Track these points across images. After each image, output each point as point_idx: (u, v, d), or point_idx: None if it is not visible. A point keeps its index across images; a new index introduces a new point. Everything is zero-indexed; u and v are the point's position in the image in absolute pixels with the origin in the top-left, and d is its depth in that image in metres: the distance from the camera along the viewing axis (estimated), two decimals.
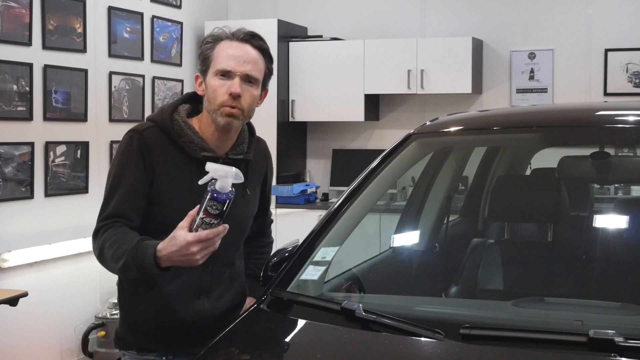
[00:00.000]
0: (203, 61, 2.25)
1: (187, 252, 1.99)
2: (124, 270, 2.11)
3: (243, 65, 2.21)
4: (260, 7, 6.93)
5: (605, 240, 2.46)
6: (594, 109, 2.85)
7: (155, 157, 2.21)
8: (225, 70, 2.20)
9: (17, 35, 4.69)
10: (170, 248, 2.02)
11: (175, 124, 2.25)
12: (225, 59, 2.21)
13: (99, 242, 2.19)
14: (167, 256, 2.03)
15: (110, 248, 2.13)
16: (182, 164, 2.23)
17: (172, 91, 6.03)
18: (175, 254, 2.01)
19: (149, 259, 2.05)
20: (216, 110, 2.21)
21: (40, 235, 4.86)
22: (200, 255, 2.01)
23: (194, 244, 1.99)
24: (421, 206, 3.06)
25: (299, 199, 6.25)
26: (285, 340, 2.11)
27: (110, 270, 2.19)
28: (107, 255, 2.14)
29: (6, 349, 4.64)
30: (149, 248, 2.06)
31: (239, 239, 2.37)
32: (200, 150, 2.23)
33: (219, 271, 2.30)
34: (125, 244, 2.11)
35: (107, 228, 2.18)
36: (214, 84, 2.21)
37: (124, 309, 2.36)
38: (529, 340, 1.81)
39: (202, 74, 2.26)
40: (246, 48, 2.24)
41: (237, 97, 2.20)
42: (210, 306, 2.29)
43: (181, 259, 2.02)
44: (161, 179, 2.22)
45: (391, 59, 6.20)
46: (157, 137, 2.23)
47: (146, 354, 2.31)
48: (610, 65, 5.99)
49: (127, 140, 2.24)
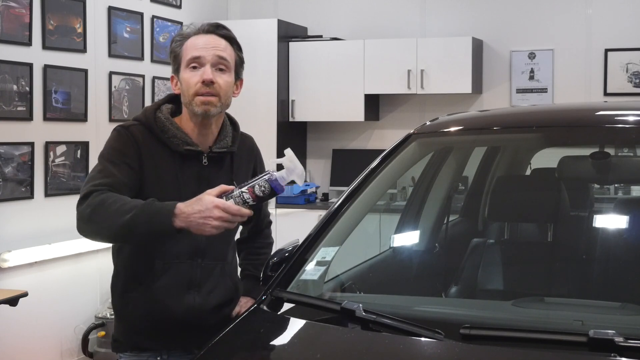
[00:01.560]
0: (174, 60, 2.31)
1: (209, 214, 1.99)
2: (130, 226, 2.04)
3: (211, 50, 2.24)
4: (260, 7, 6.93)
5: (605, 240, 2.46)
6: (594, 109, 2.85)
7: (142, 150, 2.23)
8: (194, 57, 2.23)
9: (17, 35, 4.69)
10: (193, 206, 2.01)
11: (158, 121, 2.28)
12: (194, 48, 2.25)
13: (91, 203, 2.10)
14: (186, 214, 2.01)
15: (112, 205, 2.07)
16: (166, 158, 2.25)
17: (172, 91, 6.02)
18: (197, 214, 2.00)
19: (165, 215, 2.02)
20: (191, 101, 2.24)
21: (40, 235, 4.86)
22: (217, 224, 2.00)
23: (219, 209, 1.99)
24: (421, 206, 3.06)
25: (299, 199, 6.24)
26: (285, 341, 2.11)
27: (103, 230, 2.10)
28: (108, 211, 2.06)
29: (6, 349, 4.64)
30: (165, 205, 2.05)
31: (229, 233, 2.37)
32: (184, 145, 2.25)
33: (209, 266, 2.31)
34: (133, 202, 2.07)
35: (103, 192, 2.12)
36: (186, 76, 2.25)
37: (117, 308, 2.37)
38: (529, 340, 1.81)
39: (176, 72, 2.31)
40: (212, 37, 2.28)
41: (209, 83, 2.22)
42: (201, 300, 2.29)
43: (199, 220, 2.00)
44: (147, 172, 2.23)
45: (391, 59, 6.20)
46: (142, 133, 2.26)
47: (141, 353, 2.31)
48: (610, 65, 5.98)
49: (115, 134, 2.27)
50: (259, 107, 6.21)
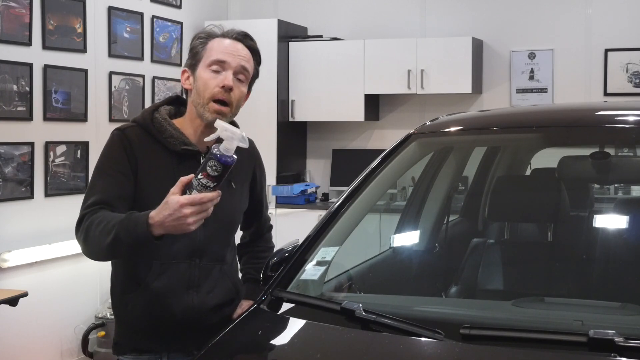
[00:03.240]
0: (194, 55, 2.27)
1: (179, 214, 1.97)
2: (115, 244, 2.06)
3: (237, 58, 2.25)
4: (260, 7, 6.93)
5: (605, 240, 2.46)
6: (594, 109, 2.85)
7: (137, 152, 2.23)
8: (220, 60, 2.22)
9: (17, 35, 4.69)
10: (162, 212, 2.00)
11: (156, 121, 2.28)
12: (220, 52, 2.24)
13: (84, 226, 2.15)
14: (159, 222, 2.00)
15: (99, 226, 2.10)
16: (164, 159, 2.25)
17: (172, 91, 6.03)
18: (168, 218, 1.99)
19: (141, 226, 2.02)
20: (205, 105, 2.23)
21: (40, 235, 4.86)
22: (193, 219, 1.98)
23: (186, 206, 1.97)
24: (421, 206, 3.06)
25: (299, 199, 6.25)
26: (285, 341, 2.11)
27: (97, 252, 2.14)
28: (95, 233, 2.09)
29: (6, 349, 4.64)
30: (140, 216, 2.05)
31: (227, 234, 2.37)
32: (181, 145, 2.25)
33: (207, 266, 2.31)
34: (115, 219, 2.09)
35: (92, 214, 2.15)
36: (205, 76, 2.23)
37: (116, 310, 2.37)
38: (529, 340, 1.81)
39: (191, 67, 2.28)
40: (239, 45, 2.28)
41: (229, 89, 2.21)
42: (199, 300, 2.28)
43: (173, 223, 1.99)
44: (144, 175, 2.23)
45: (391, 59, 6.20)
46: (139, 135, 2.26)
47: (141, 355, 2.31)
48: (610, 65, 5.98)
49: (111, 138, 2.28)
50: (259, 107, 6.20)
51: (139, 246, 2.07)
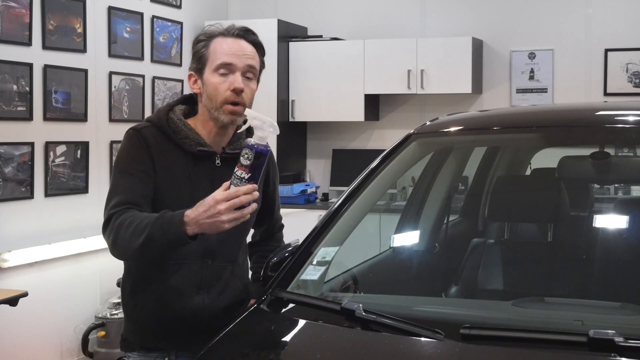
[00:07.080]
0: (198, 59, 2.26)
1: (214, 211, 1.98)
2: (147, 244, 2.06)
3: (243, 58, 2.23)
4: (260, 7, 6.93)
5: (605, 240, 2.46)
6: (594, 109, 2.85)
7: (154, 153, 2.23)
8: (227, 63, 2.21)
9: (17, 35, 4.69)
10: (198, 209, 2.01)
11: (171, 122, 2.27)
12: (224, 54, 2.22)
13: (112, 227, 2.14)
14: (194, 219, 2.01)
15: (130, 226, 2.09)
16: (179, 159, 2.24)
17: (172, 91, 6.03)
18: (203, 215, 2.00)
19: (176, 226, 2.03)
20: (218, 108, 2.22)
21: (40, 235, 4.86)
22: (228, 217, 1.99)
23: (221, 202, 1.98)
24: (421, 206, 3.06)
25: (299, 199, 6.25)
26: (285, 340, 2.11)
27: (127, 252, 2.14)
28: (126, 234, 2.09)
29: (6, 349, 4.64)
30: (175, 215, 2.05)
31: (240, 235, 2.37)
32: (196, 145, 2.25)
33: (219, 267, 2.30)
34: (147, 219, 2.08)
35: (121, 214, 2.14)
36: (214, 80, 2.22)
37: (126, 308, 2.36)
38: (529, 340, 1.81)
39: (198, 72, 2.26)
40: (242, 43, 2.26)
41: (240, 92, 2.20)
42: (210, 302, 2.29)
43: (208, 221, 2.00)
44: (160, 175, 2.23)
45: (391, 59, 6.20)
46: (154, 135, 2.25)
47: (149, 353, 2.31)
48: (610, 65, 5.98)
49: (128, 137, 2.27)
50: (259, 107, 6.15)
51: (173, 246, 2.07)
